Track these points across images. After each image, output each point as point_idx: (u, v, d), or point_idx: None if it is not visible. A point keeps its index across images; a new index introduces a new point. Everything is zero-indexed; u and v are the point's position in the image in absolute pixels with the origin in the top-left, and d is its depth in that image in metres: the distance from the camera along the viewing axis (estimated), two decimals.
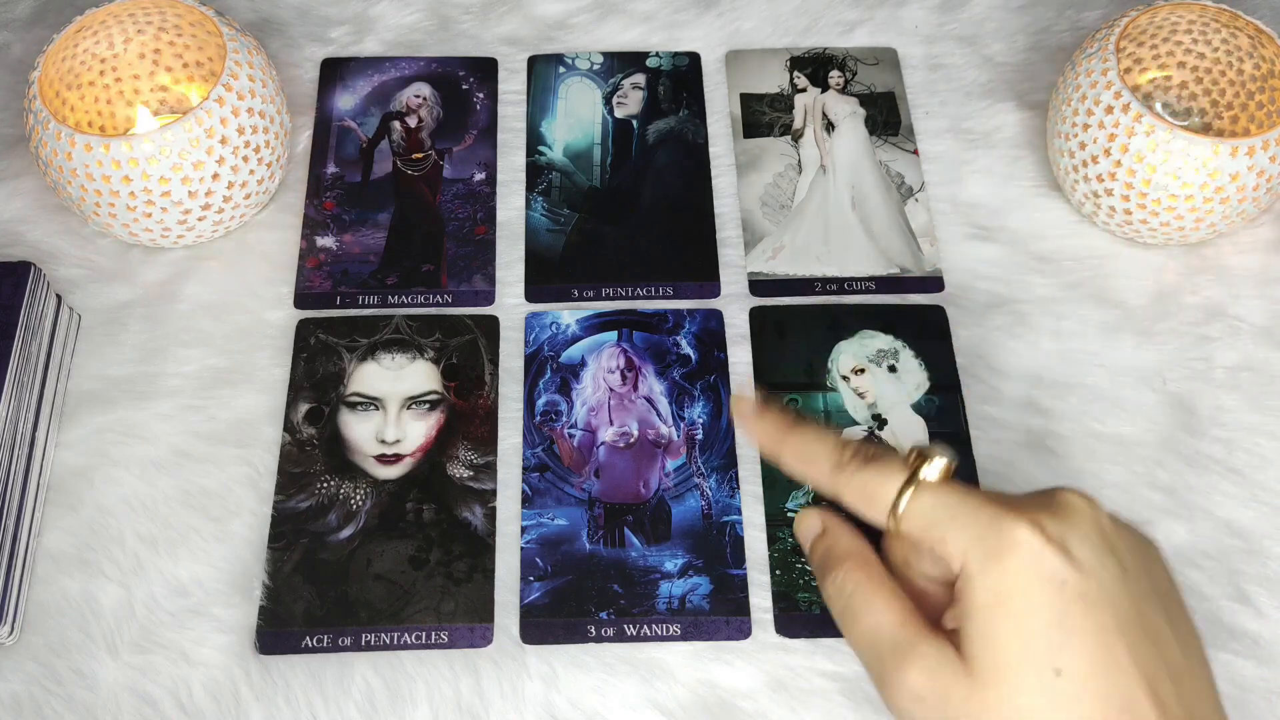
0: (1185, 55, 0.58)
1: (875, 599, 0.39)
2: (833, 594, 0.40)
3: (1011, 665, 0.35)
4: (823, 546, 0.41)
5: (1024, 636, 0.35)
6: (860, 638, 0.38)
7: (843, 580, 0.40)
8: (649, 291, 0.56)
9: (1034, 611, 0.35)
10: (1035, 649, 0.35)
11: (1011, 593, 0.35)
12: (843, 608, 0.39)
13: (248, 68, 0.54)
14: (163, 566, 0.49)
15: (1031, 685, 0.34)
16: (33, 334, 0.50)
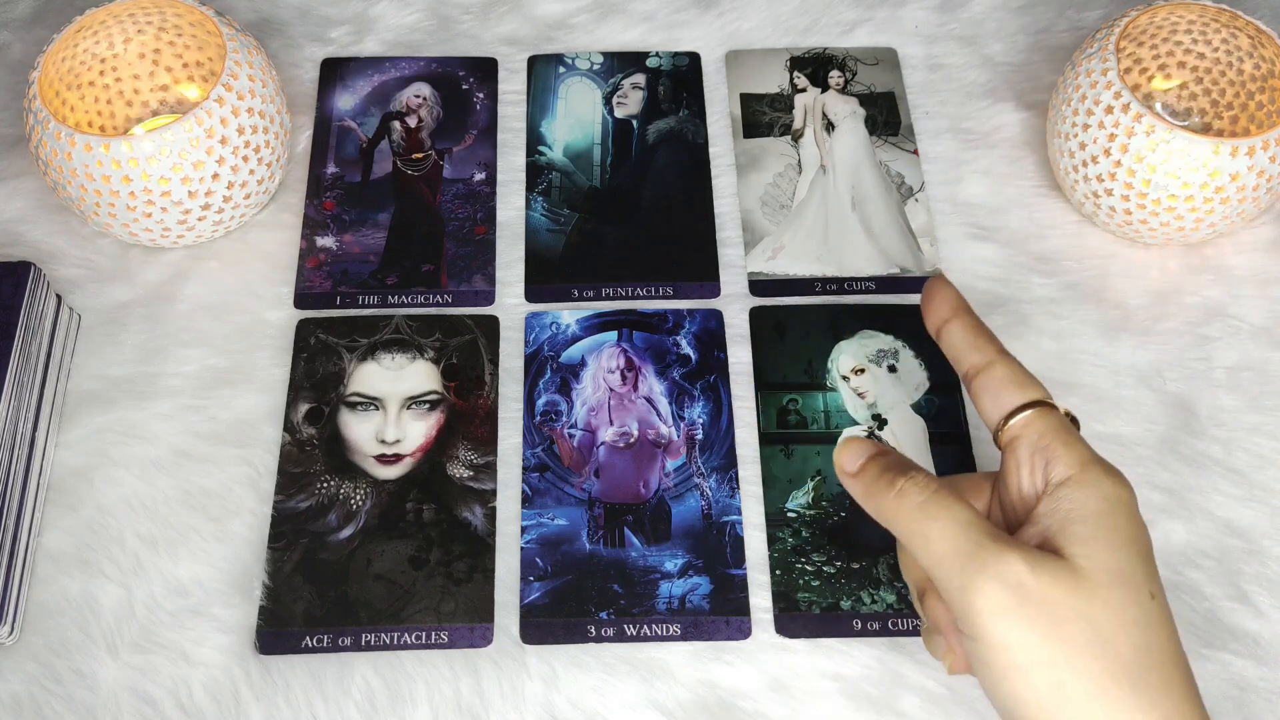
0: (1185, 55, 0.58)
1: (957, 500, 0.38)
2: (911, 491, 0.38)
3: (1123, 574, 0.36)
4: (884, 460, 0.40)
5: (1132, 551, 0.37)
6: (950, 526, 0.37)
7: (924, 479, 0.38)
8: (649, 291, 0.56)
9: (1138, 537, 0.37)
10: (1139, 567, 0.37)
11: (1123, 516, 0.37)
12: (926, 501, 0.38)
13: (248, 68, 0.54)
14: (163, 566, 0.49)
15: (1136, 598, 0.36)
16: (33, 334, 0.50)
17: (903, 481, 0.39)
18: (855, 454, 0.41)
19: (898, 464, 0.39)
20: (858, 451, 0.41)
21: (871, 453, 0.40)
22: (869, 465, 0.40)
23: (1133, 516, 0.38)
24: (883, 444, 0.41)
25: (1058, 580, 0.36)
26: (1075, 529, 0.37)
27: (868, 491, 0.40)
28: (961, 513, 0.37)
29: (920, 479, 0.38)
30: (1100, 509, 0.37)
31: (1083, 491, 0.38)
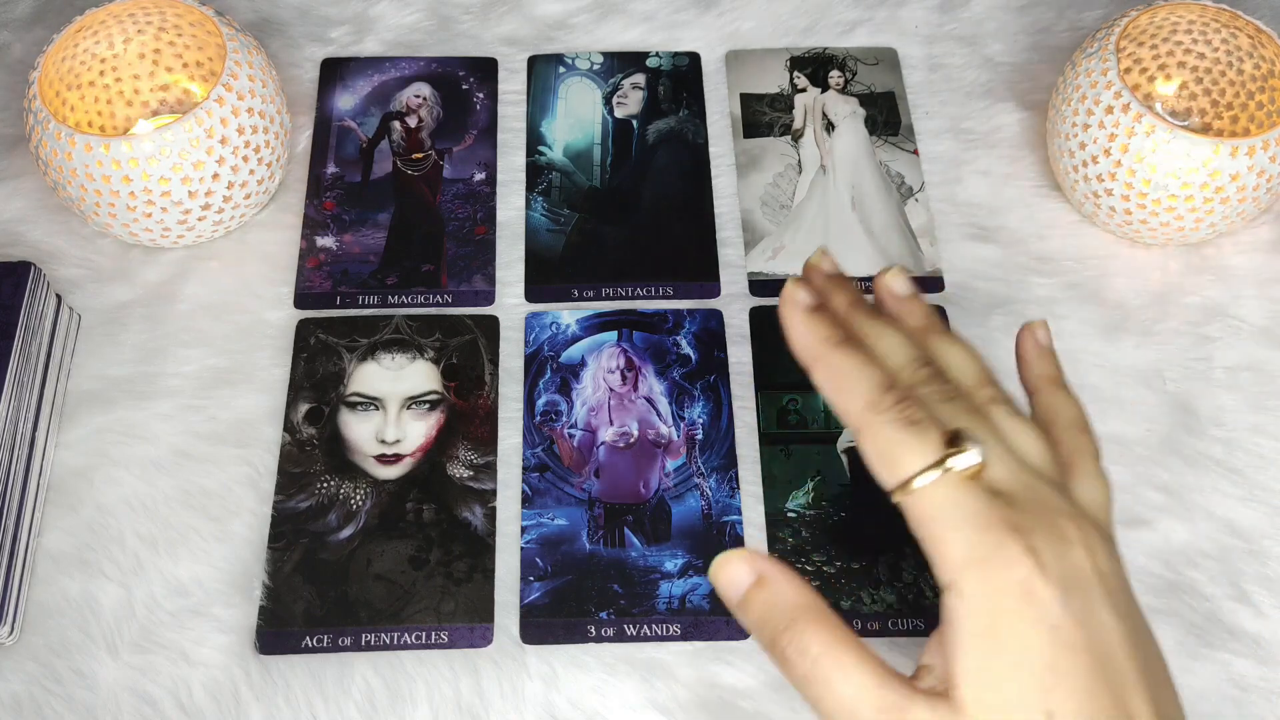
0: (1185, 55, 0.58)
1: (846, 659, 0.34)
2: (792, 659, 0.35)
3: (1009, 708, 0.33)
4: (763, 600, 0.36)
5: (1019, 676, 0.33)
6: (836, 707, 0.34)
7: (803, 641, 0.35)
8: (649, 291, 0.56)
9: (1027, 651, 0.33)
10: (1029, 691, 0.33)
11: (1006, 624, 0.33)
12: (808, 674, 0.35)
13: (248, 68, 0.54)
14: (163, 566, 0.49)
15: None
16: (33, 334, 0.50)
17: (784, 644, 0.35)
18: (732, 581, 0.37)
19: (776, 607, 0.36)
20: (733, 580, 0.37)
21: (749, 583, 0.37)
22: (749, 601, 0.37)
23: (1020, 621, 0.33)
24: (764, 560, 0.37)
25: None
26: (958, 664, 0.34)
27: (754, 635, 0.36)
28: (844, 686, 0.34)
29: (799, 642, 0.35)
30: (980, 630, 0.34)
31: (962, 607, 0.34)
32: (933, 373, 0.38)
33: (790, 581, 0.36)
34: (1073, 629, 0.33)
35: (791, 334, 0.39)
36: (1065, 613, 0.33)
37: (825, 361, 0.37)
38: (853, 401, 0.36)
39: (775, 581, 0.36)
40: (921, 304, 0.42)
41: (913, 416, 0.35)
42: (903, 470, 0.35)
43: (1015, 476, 0.36)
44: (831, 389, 0.37)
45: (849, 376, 0.36)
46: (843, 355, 0.37)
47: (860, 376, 0.36)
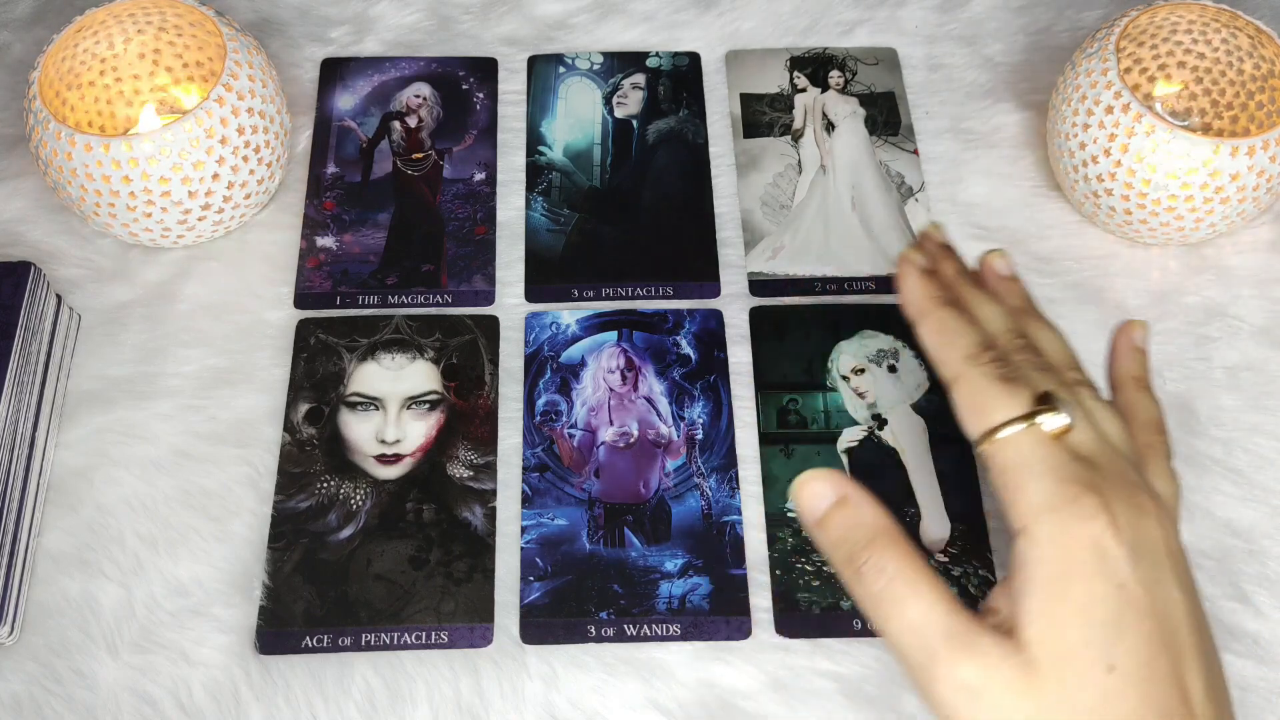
0: (1185, 55, 0.58)
1: (920, 584, 0.35)
2: (869, 576, 0.36)
3: (1073, 654, 0.34)
4: (843, 520, 0.37)
5: (1086, 623, 0.34)
6: (905, 627, 0.35)
7: (880, 560, 0.36)
8: (649, 291, 0.56)
9: (1095, 601, 0.34)
10: (1094, 640, 0.34)
11: (1076, 573, 0.34)
12: (880, 593, 0.36)
13: (248, 68, 0.54)
14: (163, 566, 0.49)
15: (1088, 679, 0.34)
16: (33, 334, 0.50)
17: (860, 562, 0.36)
18: (813, 500, 0.38)
19: (857, 526, 0.37)
20: (814, 499, 0.38)
21: (832, 501, 0.37)
22: (829, 520, 0.37)
23: (1090, 572, 0.34)
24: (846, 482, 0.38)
25: (1009, 680, 0.34)
26: (1026, 606, 0.35)
27: (828, 554, 0.37)
28: (915, 608, 0.35)
29: (876, 560, 0.36)
30: (1050, 576, 0.35)
31: (1034, 553, 0.35)
32: (1028, 344, 0.40)
33: (871, 504, 0.37)
34: (1139, 591, 0.34)
35: (905, 291, 0.42)
36: (1134, 574, 0.34)
37: (933, 316, 0.40)
38: (953, 353, 0.38)
39: (857, 502, 0.37)
40: (1021, 286, 0.44)
41: (1008, 374, 0.37)
42: (991, 419, 0.37)
43: (1098, 446, 0.37)
44: (935, 341, 0.40)
45: (952, 331, 0.39)
46: (949, 312, 0.40)
47: (963, 332, 0.39)
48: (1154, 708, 0.34)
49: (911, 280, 0.42)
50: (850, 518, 0.37)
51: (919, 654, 0.35)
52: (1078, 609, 0.34)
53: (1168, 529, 0.36)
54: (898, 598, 0.35)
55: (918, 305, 0.41)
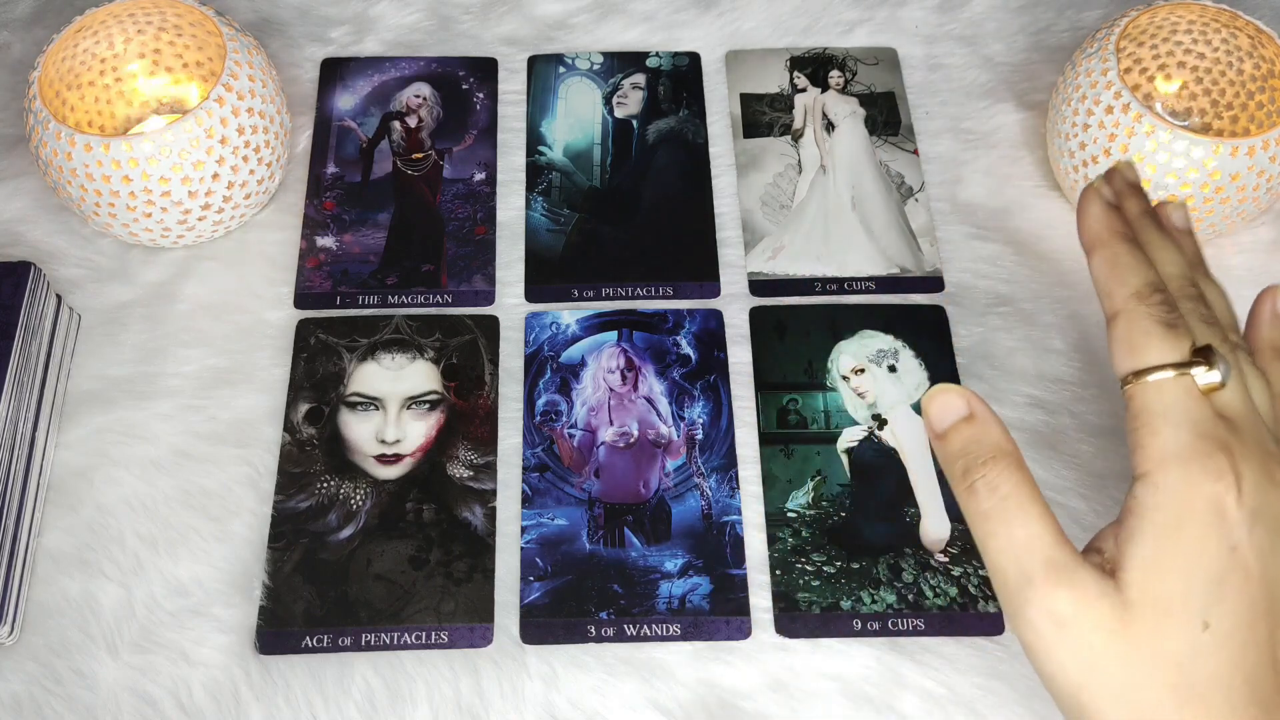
0: (1185, 55, 0.58)
1: (1031, 508, 0.36)
2: (981, 491, 0.36)
3: (1171, 604, 0.34)
4: (969, 433, 0.37)
5: (1190, 576, 0.34)
6: (1007, 547, 0.35)
7: (997, 478, 0.36)
8: (649, 291, 0.56)
9: (1205, 556, 0.34)
10: (1195, 594, 0.34)
11: (1192, 527, 0.34)
12: (991, 510, 0.36)
13: (248, 68, 0.54)
14: (163, 566, 0.49)
15: (1182, 632, 0.34)
16: (33, 334, 0.50)
17: (976, 477, 0.36)
18: (945, 411, 0.38)
19: (980, 443, 0.37)
20: (946, 409, 0.38)
21: (963, 415, 0.37)
22: (954, 432, 0.37)
23: (1205, 528, 0.34)
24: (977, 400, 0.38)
25: (1101, 618, 0.34)
26: (1132, 550, 0.35)
27: (945, 465, 0.38)
28: (1022, 530, 0.35)
29: (992, 478, 0.36)
30: (1164, 524, 0.35)
31: (1152, 499, 0.35)
32: (1199, 295, 0.39)
33: (999, 426, 0.37)
34: (1251, 556, 0.34)
35: (1085, 218, 0.41)
36: (1249, 539, 0.34)
37: (1109, 248, 0.39)
38: (1122, 288, 0.38)
39: (986, 420, 0.37)
40: (1195, 242, 0.43)
41: (1173, 319, 0.37)
42: (1145, 359, 0.36)
43: (1244, 410, 0.37)
44: (1105, 272, 0.39)
45: (1126, 267, 0.38)
46: (1126, 248, 0.39)
47: (1136, 270, 0.38)
48: (1243, 672, 0.34)
49: (1095, 209, 0.41)
50: (976, 433, 0.37)
51: (1016, 576, 0.35)
52: (1185, 561, 0.34)
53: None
54: (1007, 517, 0.36)
55: (1096, 234, 0.40)
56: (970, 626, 0.47)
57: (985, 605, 0.48)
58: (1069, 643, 0.34)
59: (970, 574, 0.48)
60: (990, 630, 0.47)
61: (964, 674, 0.46)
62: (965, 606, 0.48)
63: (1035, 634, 0.35)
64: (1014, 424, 0.52)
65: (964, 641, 0.47)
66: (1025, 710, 0.46)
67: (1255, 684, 0.34)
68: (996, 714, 0.46)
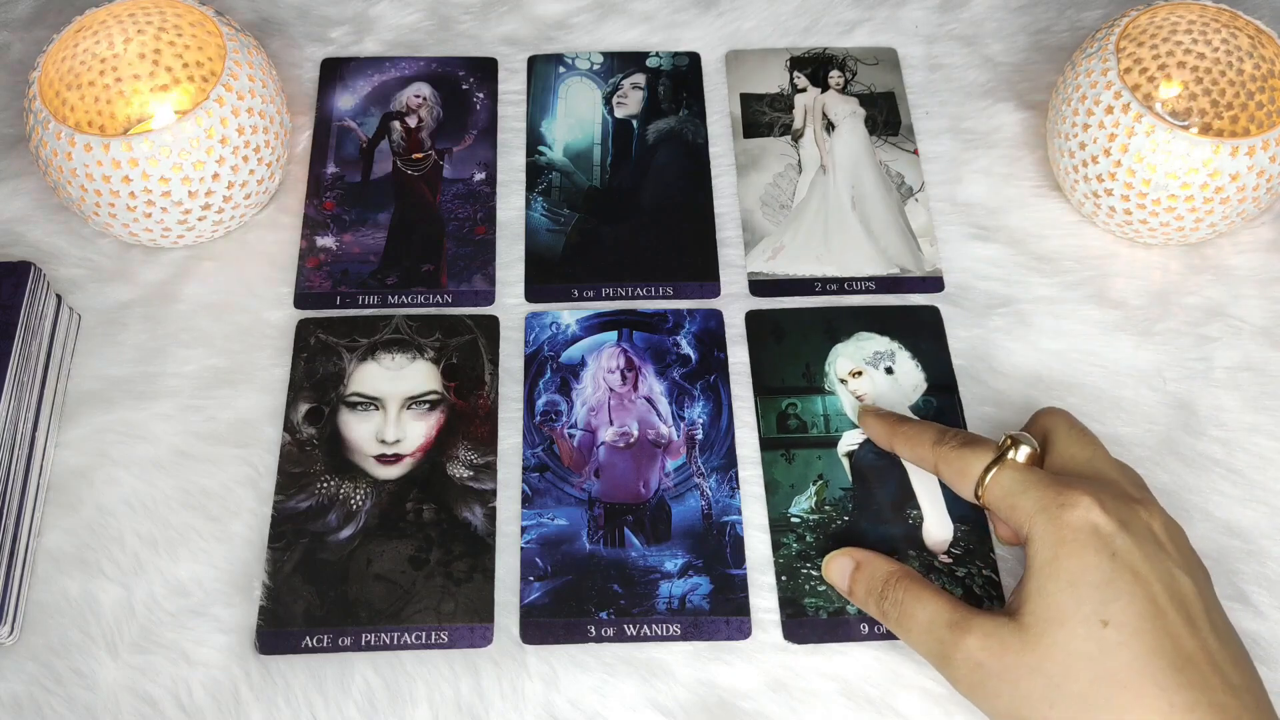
0: (1185, 55, 0.58)
1: (924, 594, 0.43)
2: (888, 608, 0.44)
3: (1063, 616, 0.38)
4: (864, 576, 0.45)
5: (1075, 589, 0.39)
6: (920, 629, 0.42)
7: (893, 592, 0.44)
8: (649, 291, 0.56)
9: (1086, 569, 0.39)
10: (1085, 601, 0.38)
11: (1067, 550, 0.39)
12: (899, 614, 0.43)
13: (248, 68, 0.54)
14: (163, 566, 0.49)
15: (1081, 634, 0.38)
16: (33, 334, 0.50)
17: (884, 602, 0.44)
18: (840, 572, 0.46)
19: (873, 577, 0.45)
20: (840, 571, 0.46)
21: (853, 568, 0.46)
22: (855, 581, 0.46)
23: (1081, 545, 0.39)
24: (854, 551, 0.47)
25: (1006, 646, 0.39)
26: (1026, 587, 0.40)
27: (865, 608, 0.46)
28: (923, 613, 0.42)
29: (891, 594, 0.44)
30: (1045, 557, 0.40)
31: (1034, 545, 0.41)
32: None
33: (881, 558, 0.46)
34: (1135, 559, 0.39)
35: (873, 431, 0.50)
36: (1127, 544, 0.39)
37: (898, 432, 0.48)
38: (924, 446, 0.46)
39: (870, 561, 0.46)
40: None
41: (970, 440, 0.45)
42: (974, 472, 0.44)
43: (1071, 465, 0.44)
44: (908, 447, 0.48)
45: (918, 434, 0.47)
46: (907, 425, 0.49)
47: (925, 431, 0.47)
48: (1163, 657, 0.37)
49: (871, 422, 0.50)
50: (867, 573, 0.45)
51: (934, 645, 0.42)
52: (1068, 576, 0.39)
53: (1162, 519, 0.41)
54: (909, 610, 0.43)
55: (884, 432, 0.49)
56: None
57: (989, 606, 0.48)
58: (991, 676, 0.40)
59: (974, 575, 0.48)
60: None
61: None
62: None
63: (964, 681, 0.41)
64: (1013, 425, 0.52)
65: None
66: None
67: (1180, 667, 0.37)
68: None
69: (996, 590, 0.48)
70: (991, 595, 0.48)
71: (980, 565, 0.49)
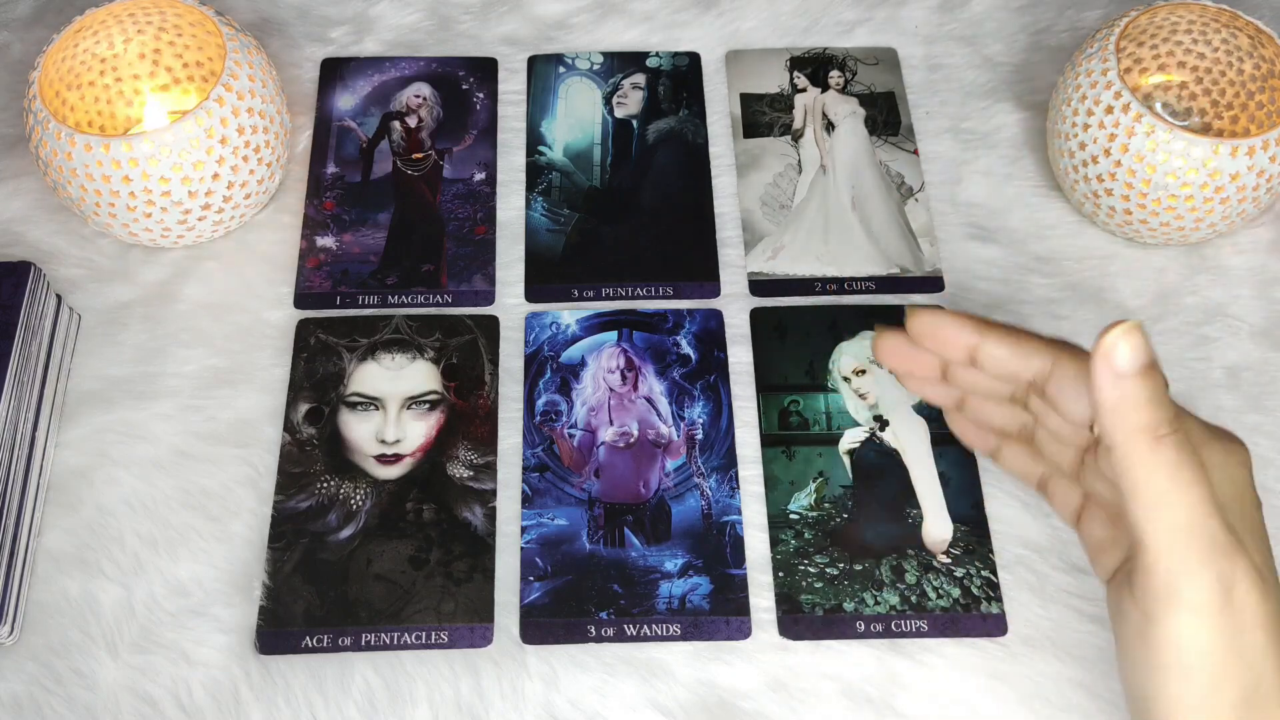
0: (1185, 55, 0.58)
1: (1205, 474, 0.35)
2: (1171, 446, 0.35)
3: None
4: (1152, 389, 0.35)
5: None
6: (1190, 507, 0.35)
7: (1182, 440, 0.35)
8: (649, 291, 0.56)
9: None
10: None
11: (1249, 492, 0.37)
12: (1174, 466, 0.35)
13: (248, 68, 0.53)
14: (163, 566, 0.49)
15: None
16: (33, 334, 0.50)
17: (1167, 431, 0.35)
18: (1135, 353, 0.35)
19: (1165, 399, 0.35)
20: (1138, 351, 0.35)
21: (1148, 363, 0.35)
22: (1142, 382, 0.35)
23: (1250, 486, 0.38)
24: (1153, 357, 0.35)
25: (1264, 596, 0.35)
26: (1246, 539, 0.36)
27: (1120, 409, 0.35)
28: (1208, 491, 0.35)
29: (1184, 437, 0.35)
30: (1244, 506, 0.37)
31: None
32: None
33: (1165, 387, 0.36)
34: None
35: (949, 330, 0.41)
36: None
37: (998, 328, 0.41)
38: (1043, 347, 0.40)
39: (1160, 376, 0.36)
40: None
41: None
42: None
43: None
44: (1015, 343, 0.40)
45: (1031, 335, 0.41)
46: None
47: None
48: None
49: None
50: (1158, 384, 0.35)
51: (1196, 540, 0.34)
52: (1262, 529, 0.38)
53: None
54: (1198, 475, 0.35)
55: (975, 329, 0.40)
56: (973, 628, 0.47)
57: (988, 606, 0.48)
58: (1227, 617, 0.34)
59: (972, 575, 0.48)
60: (993, 631, 0.47)
61: (965, 674, 0.46)
62: (968, 608, 0.48)
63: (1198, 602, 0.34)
64: None
65: (964, 642, 0.47)
66: (1026, 711, 0.46)
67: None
68: (997, 714, 0.46)
69: (995, 591, 0.48)
70: (990, 595, 0.48)
71: (979, 565, 0.49)
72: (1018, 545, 0.49)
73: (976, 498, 0.50)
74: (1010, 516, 0.50)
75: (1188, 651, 0.35)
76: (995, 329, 0.40)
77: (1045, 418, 0.41)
